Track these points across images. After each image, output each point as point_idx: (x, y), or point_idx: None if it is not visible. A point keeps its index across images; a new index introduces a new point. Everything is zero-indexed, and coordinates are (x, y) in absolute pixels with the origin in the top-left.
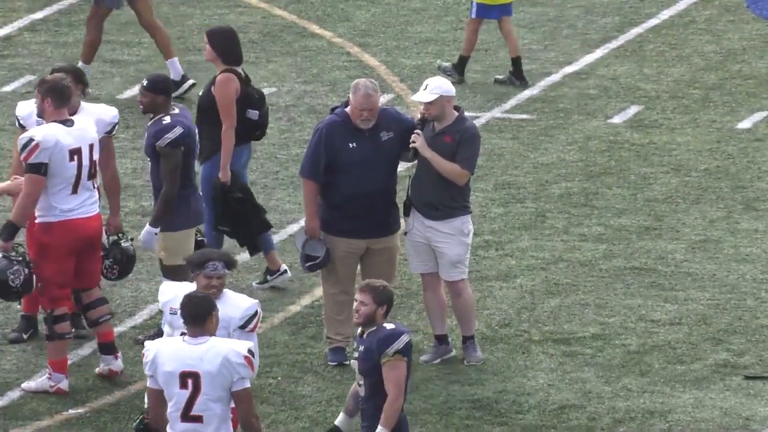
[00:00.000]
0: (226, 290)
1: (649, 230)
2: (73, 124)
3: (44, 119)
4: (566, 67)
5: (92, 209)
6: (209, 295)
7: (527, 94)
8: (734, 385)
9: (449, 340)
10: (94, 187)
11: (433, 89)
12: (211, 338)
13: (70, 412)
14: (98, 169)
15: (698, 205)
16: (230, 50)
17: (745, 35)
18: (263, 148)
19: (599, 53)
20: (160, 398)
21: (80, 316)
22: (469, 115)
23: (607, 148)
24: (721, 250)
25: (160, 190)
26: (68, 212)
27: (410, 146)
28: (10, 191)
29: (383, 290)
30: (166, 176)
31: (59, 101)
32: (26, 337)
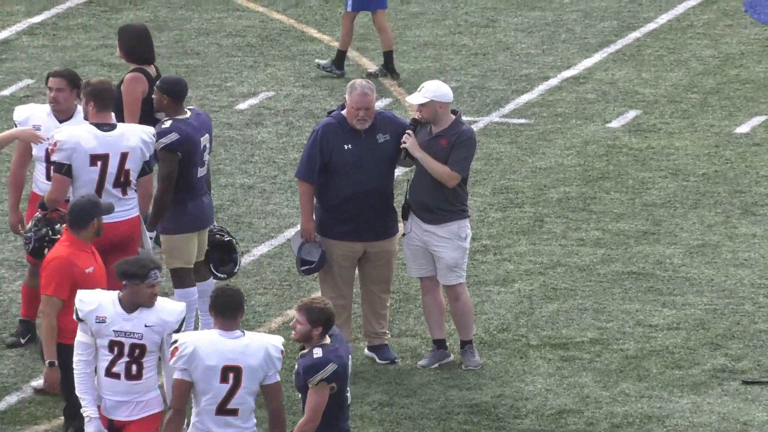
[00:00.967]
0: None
1: (647, 235)
2: (111, 129)
3: (88, 121)
4: (564, 71)
5: (117, 215)
6: (239, 288)
7: (525, 98)
8: (732, 390)
9: (447, 344)
10: (124, 194)
11: (425, 93)
12: (245, 332)
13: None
14: (133, 181)
15: (696, 209)
16: (138, 49)
17: (743, 40)
18: (261, 152)
19: (597, 57)
20: (188, 391)
21: None
22: (467, 119)
23: (605, 152)
24: (719, 254)
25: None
26: None
27: (401, 146)
28: (18, 136)
29: (320, 311)
30: (160, 180)
31: (101, 104)
32: (24, 341)
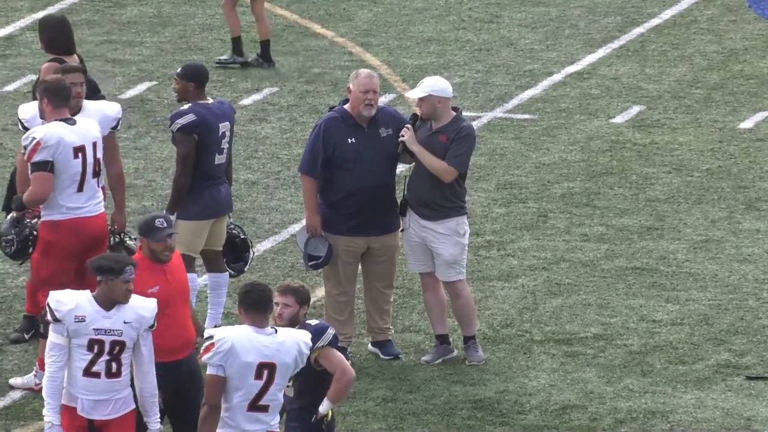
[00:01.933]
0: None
1: (650, 230)
2: (75, 122)
3: (45, 119)
4: (568, 66)
5: (97, 208)
6: (267, 284)
7: (529, 94)
8: (736, 385)
9: (450, 340)
10: (98, 185)
11: (424, 87)
12: (278, 329)
13: None
14: (102, 168)
15: (700, 205)
16: (55, 39)
17: (747, 35)
18: (265, 148)
19: (601, 53)
20: (223, 387)
21: None
22: (471, 115)
23: (608, 148)
24: (722, 250)
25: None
26: (75, 210)
27: (399, 140)
28: None
29: (304, 290)
30: (177, 162)
31: (57, 101)
32: (28, 337)
